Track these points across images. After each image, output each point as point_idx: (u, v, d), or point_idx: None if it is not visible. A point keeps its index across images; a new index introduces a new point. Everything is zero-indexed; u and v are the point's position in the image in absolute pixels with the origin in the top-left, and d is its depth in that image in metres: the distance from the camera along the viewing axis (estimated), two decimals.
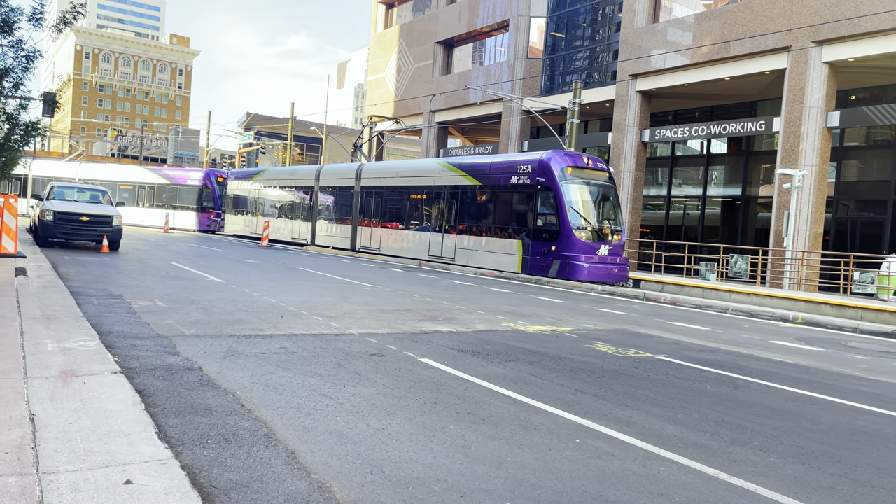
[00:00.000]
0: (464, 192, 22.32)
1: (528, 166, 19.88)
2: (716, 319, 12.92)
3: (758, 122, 23.38)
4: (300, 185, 32.03)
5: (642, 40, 26.58)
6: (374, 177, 27.10)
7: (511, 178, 20.42)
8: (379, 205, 26.56)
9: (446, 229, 22.87)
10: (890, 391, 7.19)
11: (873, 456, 4.81)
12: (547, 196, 19.18)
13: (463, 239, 22.13)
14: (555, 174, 19.06)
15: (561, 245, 18.78)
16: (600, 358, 7.95)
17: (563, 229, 18.75)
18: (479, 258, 21.45)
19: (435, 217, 23.54)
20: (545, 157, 19.53)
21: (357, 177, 28.01)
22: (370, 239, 26.72)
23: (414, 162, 27.57)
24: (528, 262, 19.63)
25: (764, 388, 6.89)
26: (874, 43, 19.96)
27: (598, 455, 4.43)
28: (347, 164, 29.84)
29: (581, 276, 18.36)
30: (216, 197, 40.37)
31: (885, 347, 10.58)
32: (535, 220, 19.61)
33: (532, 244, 19.57)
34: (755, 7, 22.83)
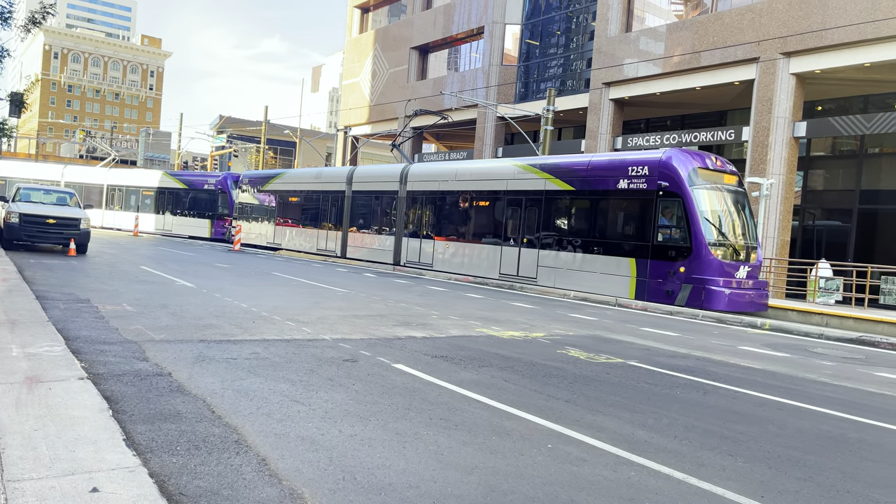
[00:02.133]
0: (549, 199, 18.77)
1: (643, 167, 16.37)
2: (686, 325, 13.09)
3: (727, 132, 23.79)
4: (327, 189, 27.93)
5: (615, 49, 26.91)
6: (423, 180, 23.26)
7: (618, 182, 16.85)
8: (431, 213, 22.84)
9: (524, 243, 19.32)
10: (854, 396, 7.34)
11: (838, 460, 4.91)
12: (672, 204, 15.78)
13: (548, 255, 18.60)
14: (682, 177, 15.61)
15: (693, 265, 15.30)
16: (572, 363, 8.01)
17: (695, 246, 15.26)
18: (571, 279, 17.89)
19: (508, 228, 19.94)
20: (665, 156, 16.12)
21: (402, 180, 24.10)
22: (419, 252, 22.91)
23: (479, 163, 23.69)
24: (646, 287, 16.12)
25: (732, 394, 7.00)
26: (840, 55, 20.44)
27: (570, 460, 4.46)
28: (389, 166, 26.32)
29: (719, 305, 15.05)
30: (232, 203, 36.13)
31: (850, 353, 10.81)
32: (656, 233, 16.01)
33: (651, 264, 16.04)
34: (725, 19, 23.25)
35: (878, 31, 19.15)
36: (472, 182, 21.41)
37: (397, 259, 23.88)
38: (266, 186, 31.94)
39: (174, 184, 39.48)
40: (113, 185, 42.44)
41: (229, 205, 36.28)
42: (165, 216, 39.47)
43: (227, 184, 36.68)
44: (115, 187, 42.35)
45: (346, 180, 26.88)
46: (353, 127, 44.92)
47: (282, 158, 78.98)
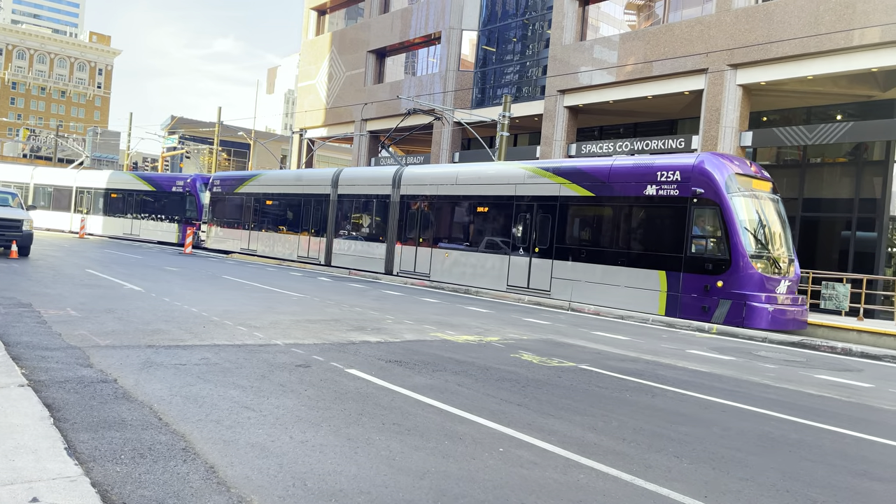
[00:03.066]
0: (565, 206, 17.34)
1: (674, 172, 15.12)
2: (637, 330, 13.34)
3: (678, 140, 24.35)
4: (310, 192, 26.22)
5: (570, 57, 27.32)
6: (420, 183, 21.75)
7: (645, 188, 15.57)
8: (428, 219, 21.33)
9: (536, 253, 17.88)
10: (795, 398, 7.59)
11: (778, 460, 5.08)
12: (708, 213, 14.61)
13: (564, 266, 17.20)
14: (719, 184, 14.44)
15: (732, 280, 14.14)
16: (525, 367, 8.09)
17: (734, 258, 14.11)
18: (590, 293, 16.51)
19: (517, 236, 18.45)
20: (700, 159, 15.00)
21: (395, 183, 22.51)
22: (415, 261, 21.37)
23: (483, 166, 21.30)
24: (678, 302, 14.91)
25: (680, 396, 7.16)
26: (784, 68, 21.14)
27: (521, 464, 4.51)
28: (379, 169, 24.99)
29: (761, 323, 13.88)
30: (200, 206, 34.13)
31: (791, 356, 11.17)
32: (689, 244, 14.80)
33: (684, 277, 14.83)
34: (675, 30, 23.83)
35: (821, 45, 19.88)
36: (476, 186, 19.91)
37: (389, 268, 22.33)
38: (240, 189, 30.22)
39: (142, 185, 37.54)
40: (82, 188, 40.48)
41: (197, 208, 34.34)
42: (133, 220, 37.51)
43: (195, 186, 34.77)
44: (84, 189, 40.35)
45: (331, 183, 25.26)
46: (308, 129, 44.55)
47: (236, 160, 77.77)
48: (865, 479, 4.75)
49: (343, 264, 24.03)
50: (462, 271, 19.81)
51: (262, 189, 28.98)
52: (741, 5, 22.17)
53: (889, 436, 6.09)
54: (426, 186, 21.46)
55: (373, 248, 23.02)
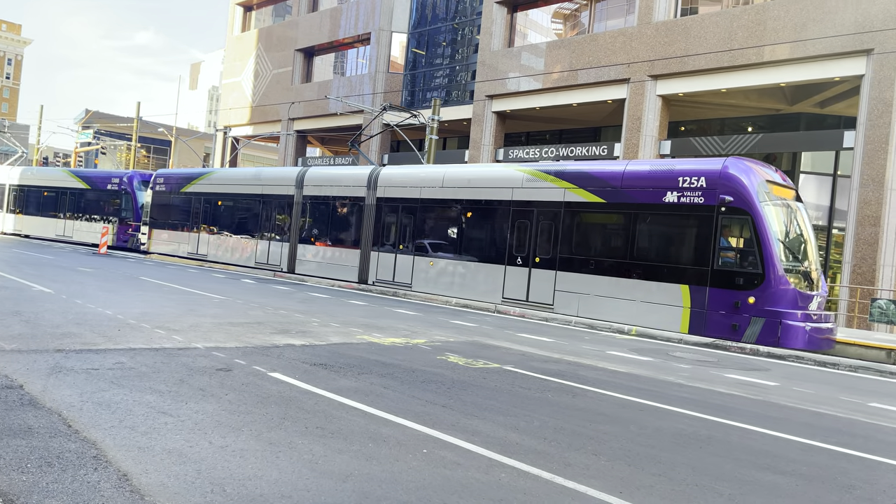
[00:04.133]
0: (571, 213, 15.98)
1: (699, 178, 13.97)
2: (560, 331, 13.64)
3: (601, 147, 25.07)
4: (270, 192, 24.06)
5: (499, 63, 27.71)
6: (399, 185, 20.09)
7: (665, 195, 14.36)
8: (410, 224, 19.66)
9: (536, 263, 16.50)
10: (706, 397, 7.95)
11: (689, 456, 5.31)
12: (738, 223, 13.58)
13: (569, 278, 15.88)
14: (751, 191, 13.38)
15: (766, 296, 13.08)
16: (451, 369, 8.15)
17: (768, 272, 13.06)
18: (600, 307, 15.29)
19: (514, 245, 17.04)
20: (727, 165, 13.84)
21: (371, 185, 20.79)
22: (394, 270, 19.82)
23: (473, 168, 20.11)
24: (704, 318, 13.78)
25: (599, 396, 7.38)
26: (700, 80, 22.11)
27: (444, 464, 4.55)
28: (352, 169, 23.15)
29: (798, 343, 12.88)
30: (136, 205, 31.54)
31: (704, 357, 11.68)
32: (716, 256, 13.70)
33: (711, 292, 13.71)
34: (599, 40, 24.55)
35: (734, 59, 20.89)
36: (466, 190, 18.31)
37: (364, 276, 20.60)
38: (188, 188, 27.76)
39: (76, 183, 34.54)
40: (15, 186, 37.24)
41: (133, 207, 31.69)
42: (65, 220, 34.42)
43: (132, 184, 32.01)
44: (16, 188, 37.09)
45: (295, 183, 23.24)
46: (233, 127, 43.52)
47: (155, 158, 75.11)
48: (769, 473, 5.03)
49: (309, 272, 22.23)
50: (450, 282, 18.29)
51: (215, 188, 26.66)
52: (661, 19, 23.03)
53: (791, 431, 6.46)
54: (407, 189, 19.83)
55: (344, 255, 21.28)
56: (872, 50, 18.48)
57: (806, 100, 22.92)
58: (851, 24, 18.82)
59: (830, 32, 19.12)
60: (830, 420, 7.21)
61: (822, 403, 8.12)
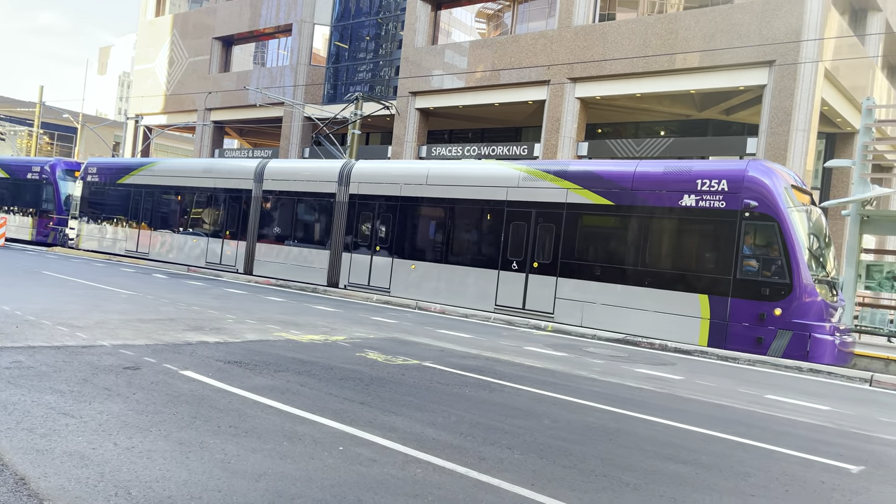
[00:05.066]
0: (574, 215, 14.94)
1: (720, 181, 13.17)
2: (479, 328, 13.83)
3: (521, 147, 25.52)
4: (224, 186, 22.10)
5: (422, 60, 27.75)
6: (376, 182, 18.58)
7: (681, 198, 13.55)
8: (387, 224, 18.21)
9: (535, 268, 15.42)
10: (617, 391, 8.25)
11: (599, 449, 5.50)
12: (763, 229, 12.79)
13: (572, 285, 14.88)
14: (777, 196, 12.67)
15: (793, 307, 12.37)
16: (370, 366, 8.14)
17: (796, 282, 12.35)
18: (608, 316, 14.34)
19: (509, 248, 15.89)
20: (751, 167, 13.12)
21: (343, 180, 19.20)
22: (369, 273, 18.37)
23: (459, 165, 18.28)
24: (725, 331, 12.98)
25: (515, 391, 7.54)
26: (616, 85, 22.85)
27: (361, 461, 4.55)
28: (320, 162, 21.24)
29: (827, 358, 12.24)
30: (59, 197, 28.82)
31: (616, 352, 12.11)
32: (739, 264, 12.92)
33: (733, 303, 12.93)
34: (521, 41, 24.97)
35: (648, 66, 21.70)
36: (455, 188, 16.97)
37: (334, 279, 19.15)
38: (127, 179, 25.33)
39: None
40: None
41: (56, 199, 28.98)
42: None
43: (55, 173, 29.25)
44: None
45: (254, 176, 21.36)
46: (145, 116, 41.81)
47: (60, 145, 71.20)
48: (672, 463, 5.27)
49: (269, 273, 20.54)
50: (434, 287, 17.04)
51: (159, 180, 24.27)
52: (580, 23, 23.64)
53: (693, 422, 6.80)
54: (385, 185, 18.39)
55: (311, 256, 19.68)
56: (774, 61, 19.59)
57: (714, 107, 24.07)
58: (756, 37, 19.88)
59: (737, 44, 20.14)
60: (730, 412, 7.62)
61: (722, 396, 8.57)
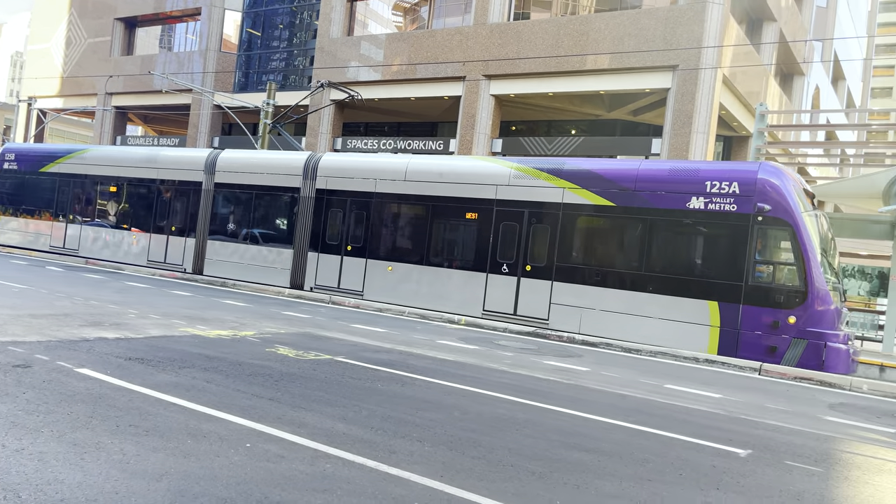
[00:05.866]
0: (572, 216, 14.23)
1: (731, 184, 12.67)
2: (393, 322, 13.83)
3: (437, 142, 25.65)
4: (170, 178, 20.18)
5: (338, 50, 27.40)
6: (348, 176, 17.20)
7: (689, 200, 13.01)
8: (361, 223, 16.93)
9: (527, 272, 14.58)
10: (526, 382, 8.46)
11: (507, 439, 5.63)
12: (777, 234, 12.39)
13: (569, 290, 14.12)
14: (791, 201, 12.23)
15: (808, 315, 11.98)
16: (280, 361, 8.00)
17: (811, 289, 11.95)
18: (609, 323, 13.66)
19: (498, 250, 14.99)
20: (763, 170, 12.64)
21: (308, 174, 17.76)
22: (339, 274, 17.09)
23: (443, 161, 17.03)
24: (737, 339, 12.50)
25: (427, 384, 7.60)
26: (530, 83, 23.31)
27: (268, 458, 4.48)
28: (280, 154, 19.40)
29: (841, 367, 11.91)
30: None
31: (526, 345, 12.39)
32: (751, 270, 12.47)
33: (744, 310, 12.44)
34: (437, 37, 25.07)
35: (561, 66, 22.25)
36: (437, 185, 15.86)
37: (298, 281, 17.77)
38: (52, 167, 22.86)
39: None
40: None
41: None
42: None
43: None
44: None
45: (204, 168, 19.56)
46: (40, 98, 39.34)
47: None
48: (576, 451, 5.47)
49: (222, 273, 18.88)
50: (414, 290, 15.99)
51: (90, 170, 21.93)
52: (495, 21, 23.97)
53: (597, 412, 7.06)
54: (357, 181, 17.09)
55: (272, 256, 18.22)
56: (677, 66, 20.51)
57: (622, 108, 24.96)
58: (661, 42, 20.75)
59: (644, 48, 20.95)
60: (631, 401, 7.96)
61: (625, 386, 8.94)
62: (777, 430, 7.11)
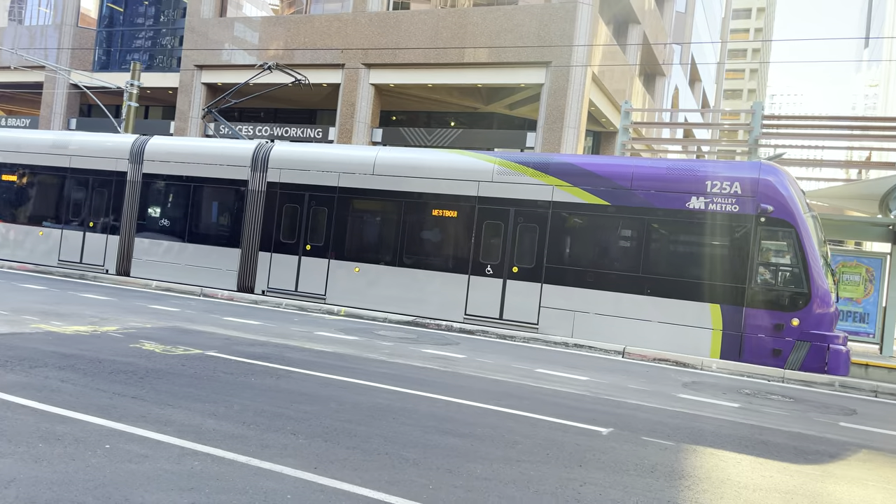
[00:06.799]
0: (562, 215, 13.62)
1: (733, 184, 12.39)
2: (270, 314, 13.52)
3: (316, 130, 25.21)
4: (88, 167, 17.87)
5: (209, 31, 26.23)
6: (303, 169, 15.77)
7: (688, 200, 12.65)
8: (321, 220, 15.53)
9: (513, 273, 13.87)
10: (404, 371, 8.55)
11: (383, 428, 5.68)
12: (779, 235, 12.27)
13: (559, 293, 13.48)
14: (794, 202, 12.11)
15: (811, 318, 11.90)
16: (146, 357, 7.63)
17: (814, 292, 11.88)
18: (604, 327, 13.10)
19: (482, 250, 14.21)
20: (765, 170, 12.45)
21: (258, 165, 16.16)
22: (297, 276, 15.66)
23: (414, 154, 15.65)
24: (741, 343, 12.26)
25: (303, 377, 7.51)
26: (409, 74, 23.39)
27: (130, 459, 4.28)
28: (224, 143, 17.38)
29: (843, 370, 11.85)
30: None
31: (406, 334, 12.51)
32: (754, 273, 12.26)
33: (748, 313, 12.22)
34: (315, 22, 24.58)
35: (439, 57, 22.48)
36: (410, 180, 14.81)
37: (247, 283, 16.09)
38: None
39: None
40: None
41: None
42: None
43: None
44: None
45: (129, 157, 17.43)
46: None
47: None
48: (449, 436, 5.61)
49: (153, 275, 16.92)
50: (385, 294, 14.91)
51: None
52: (375, 9, 23.84)
53: (471, 397, 7.26)
54: (317, 174, 15.66)
55: (215, 256, 16.46)
56: (550, 63, 21.28)
57: (499, 101, 25.59)
58: (535, 38, 21.44)
59: (519, 43, 21.56)
60: (504, 385, 8.25)
61: (498, 371, 9.24)
62: (637, 408, 7.62)
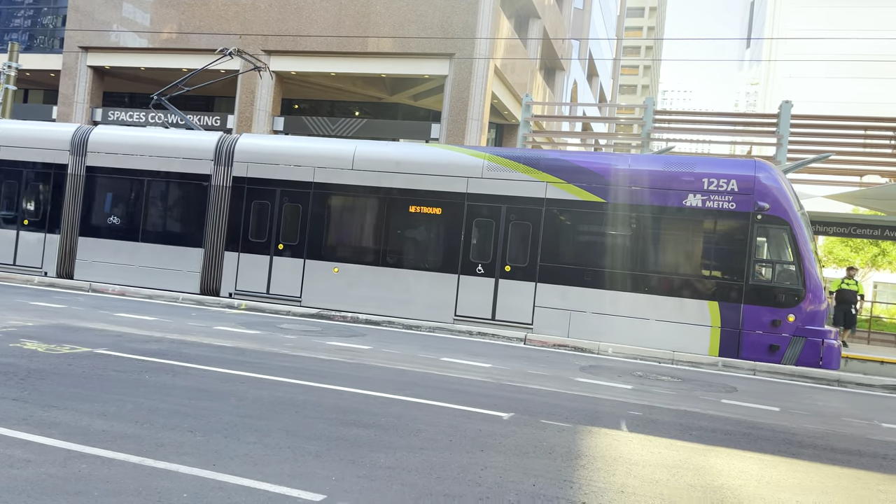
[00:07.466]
0: (556, 212, 13.33)
1: (729, 181, 12.46)
2: (165, 309, 12.99)
3: (214, 117, 24.33)
4: (23, 159, 16.24)
5: (95, 11, 24.75)
6: (273, 163, 14.83)
7: (685, 198, 12.65)
8: (294, 217, 14.67)
9: (506, 272, 13.49)
10: (307, 364, 8.45)
11: (285, 422, 5.60)
12: (776, 233, 12.42)
13: (554, 292, 13.22)
14: (788, 199, 12.32)
15: (806, 313, 12.13)
16: (27, 357, 7.17)
17: (809, 287, 12.12)
18: (600, 326, 12.92)
19: (472, 249, 13.74)
20: (760, 168, 12.59)
21: (221, 159, 15.09)
22: (269, 278, 14.76)
23: (397, 148, 15.37)
24: (739, 339, 12.38)
25: (202, 373, 7.28)
26: (311, 62, 22.96)
27: (11, 464, 4.04)
28: (177, 134, 16.18)
29: (836, 364, 12.13)
30: None
31: (310, 327, 12.35)
32: (751, 269, 12.41)
33: (745, 310, 12.36)
34: (212, 5, 23.68)
35: (343, 46, 22.18)
36: (393, 176, 14.16)
37: (211, 285, 15.05)
38: None
39: None
40: None
41: None
42: None
43: None
44: None
45: (70, 148, 16.03)
46: None
47: None
48: (354, 427, 5.60)
49: (101, 277, 15.55)
50: (367, 295, 14.23)
51: None
52: None
53: (377, 388, 7.28)
54: (290, 168, 14.75)
55: (174, 256, 15.33)
56: (454, 55, 21.44)
57: (403, 92, 25.55)
58: (438, 29, 21.53)
59: (423, 34, 21.59)
60: (410, 375, 8.31)
61: (404, 361, 9.30)
62: (536, 393, 7.87)
